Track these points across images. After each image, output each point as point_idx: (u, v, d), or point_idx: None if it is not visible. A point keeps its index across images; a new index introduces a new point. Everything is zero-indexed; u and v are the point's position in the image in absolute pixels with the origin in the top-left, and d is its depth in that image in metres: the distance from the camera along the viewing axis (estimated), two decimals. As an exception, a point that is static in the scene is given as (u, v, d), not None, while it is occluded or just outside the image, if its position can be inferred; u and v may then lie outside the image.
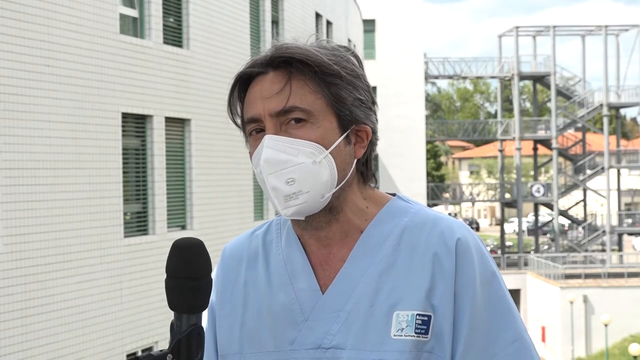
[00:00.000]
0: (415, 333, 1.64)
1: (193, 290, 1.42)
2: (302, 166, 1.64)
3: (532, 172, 56.45)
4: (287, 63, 1.67)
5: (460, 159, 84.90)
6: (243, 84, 1.71)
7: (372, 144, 1.74)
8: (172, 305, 1.42)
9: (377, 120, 1.75)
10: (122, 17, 13.95)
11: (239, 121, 1.73)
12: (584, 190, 48.01)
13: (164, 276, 1.44)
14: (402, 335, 1.64)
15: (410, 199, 1.79)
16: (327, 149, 1.66)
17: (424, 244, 1.69)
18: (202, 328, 1.43)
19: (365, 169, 1.74)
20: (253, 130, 1.69)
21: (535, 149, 49.11)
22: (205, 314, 1.82)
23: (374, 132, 1.73)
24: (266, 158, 1.64)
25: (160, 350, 1.36)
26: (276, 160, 1.64)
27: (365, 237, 1.72)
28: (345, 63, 1.70)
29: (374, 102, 1.75)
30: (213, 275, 1.83)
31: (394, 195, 1.80)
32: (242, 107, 1.72)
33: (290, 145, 1.64)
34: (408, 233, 1.71)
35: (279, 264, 1.76)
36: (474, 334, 1.66)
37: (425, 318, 1.64)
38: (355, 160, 1.71)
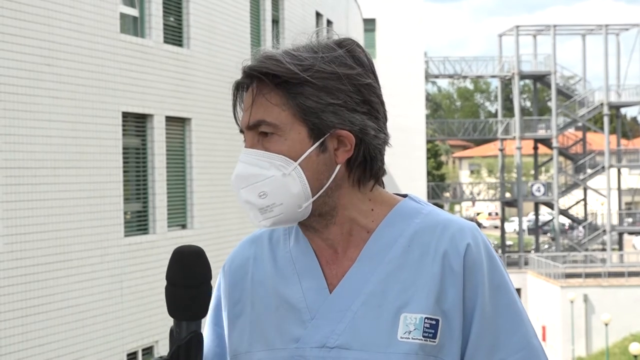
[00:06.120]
0: (424, 337, 1.63)
1: (192, 297, 1.42)
2: (273, 179, 1.63)
3: (532, 172, 56.42)
4: (255, 76, 1.66)
5: (460, 158, 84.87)
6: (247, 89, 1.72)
7: (367, 145, 1.67)
8: (171, 312, 1.42)
9: (377, 118, 1.68)
10: (123, 16, 13.94)
11: None
12: (585, 190, 48.02)
13: (165, 275, 1.44)
14: (409, 338, 1.62)
15: (422, 200, 1.77)
16: (295, 161, 1.63)
17: (434, 246, 1.67)
18: (201, 335, 1.43)
19: (364, 171, 1.69)
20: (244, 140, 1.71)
21: (535, 148, 49.13)
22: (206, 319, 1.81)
23: (365, 133, 1.66)
24: (237, 174, 1.65)
25: (160, 357, 1.36)
26: (247, 174, 1.64)
27: (375, 238, 1.70)
28: (324, 65, 1.64)
29: (365, 102, 1.67)
30: (219, 278, 1.83)
31: (405, 196, 1.77)
32: None
33: (261, 159, 1.64)
34: (419, 235, 1.69)
35: (287, 262, 1.74)
36: (482, 340, 1.65)
37: (434, 322, 1.63)
38: (338, 166, 1.66)
